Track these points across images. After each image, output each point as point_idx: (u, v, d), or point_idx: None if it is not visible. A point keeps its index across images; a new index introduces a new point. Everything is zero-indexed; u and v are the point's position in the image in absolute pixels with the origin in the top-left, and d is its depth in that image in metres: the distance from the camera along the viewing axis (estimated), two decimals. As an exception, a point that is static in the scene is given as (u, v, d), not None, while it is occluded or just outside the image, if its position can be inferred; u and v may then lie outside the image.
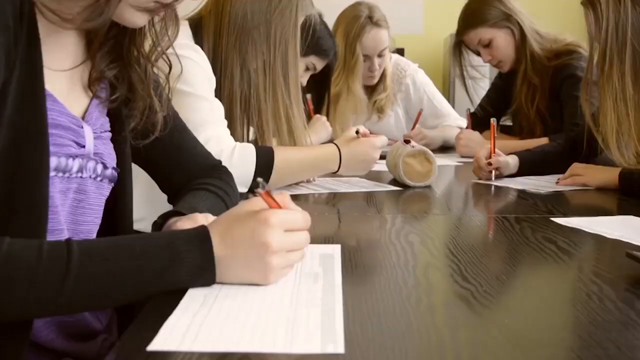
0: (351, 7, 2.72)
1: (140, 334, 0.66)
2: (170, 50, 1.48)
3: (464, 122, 2.75)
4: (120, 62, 0.98)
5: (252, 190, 0.92)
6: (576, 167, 1.75)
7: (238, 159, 1.46)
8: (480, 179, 1.83)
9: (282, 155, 1.53)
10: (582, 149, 1.78)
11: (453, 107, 4.46)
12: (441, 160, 2.31)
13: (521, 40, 2.58)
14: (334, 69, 2.50)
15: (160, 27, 1.00)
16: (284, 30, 1.61)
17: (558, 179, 1.75)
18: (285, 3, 1.61)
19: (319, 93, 2.51)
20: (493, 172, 1.79)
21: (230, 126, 1.60)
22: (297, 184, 1.70)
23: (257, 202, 0.82)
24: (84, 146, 0.91)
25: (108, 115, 1.01)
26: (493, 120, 1.95)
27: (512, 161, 1.86)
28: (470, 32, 2.62)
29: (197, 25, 1.62)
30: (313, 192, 1.60)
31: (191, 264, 0.78)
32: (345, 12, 2.73)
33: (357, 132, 1.66)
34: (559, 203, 1.49)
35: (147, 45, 1.01)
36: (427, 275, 0.88)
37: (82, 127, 0.91)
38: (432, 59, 4.64)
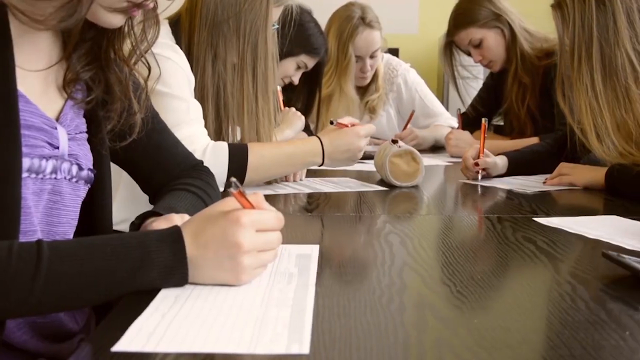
0: (344, 8, 2.72)
1: (108, 334, 0.65)
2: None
3: (455, 122, 2.76)
4: (97, 63, 0.98)
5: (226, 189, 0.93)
6: (563, 166, 1.75)
7: (210, 158, 1.45)
8: (467, 179, 1.82)
9: (257, 152, 1.52)
10: (571, 148, 1.78)
11: (447, 107, 4.47)
12: (431, 160, 2.32)
13: (511, 39, 2.58)
14: (325, 66, 2.50)
15: (140, 30, 0.99)
16: (254, 23, 1.60)
17: (545, 179, 1.76)
18: None
19: (310, 91, 2.50)
20: (480, 172, 1.79)
21: (203, 120, 1.60)
22: (281, 182, 1.69)
23: (229, 202, 0.82)
24: (57, 147, 0.91)
25: (85, 116, 1.01)
26: (484, 121, 1.95)
27: (501, 162, 1.86)
28: (461, 33, 2.63)
29: (176, 24, 1.63)
30: (298, 192, 1.59)
31: (162, 265, 0.78)
32: (338, 13, 2.73)
33: (331, 122, 1.66)
34: (543, 203, 1.49)
35: (127, 47, 1.01)
36: (402, 276, 0.88)
37: (55, 129, 0.91)
38: (426, 59, 4.63)
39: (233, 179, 0.79)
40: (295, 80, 2.40)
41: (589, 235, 1.13)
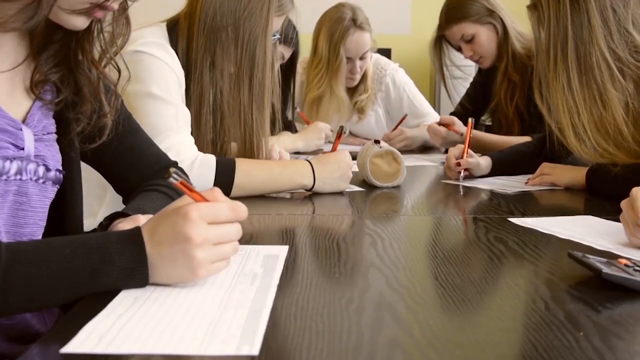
0: (334, 9, 2.71)
1: (60, 336, 0.65)
2: (138, 48, 1.50)
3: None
4: (65, 65, 0.98)
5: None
6: (545, 166, 1.75)
7: (197, 171, 1.44)
8: (450, 179, 1.82)
9: (245, 170, 1.49)
10: (550, 147, 1.78)
11: (439, 107, 4.48)
12: (418, 160, 2.32)
13: (504, 36, 2.57)
14: (298, 56, 2.52)
15: (110, 32, 0.99)
16: (253, 31, 1.59)
17: (527, 179, 1.76)
18: (255, 3, 1.59)
19: (286, 81, 2.52)
20: (462, 172, 1.79)
21: (198, 129, 1.59)
22: None
23: (185, 199, 0.82)
24: (22, 148, 0.91)
25: (55, 117, 1.01)
26: (471, 120, 1.96)
27: (484, 162, 1.86)
28: (453, 27, 2.61)
29: (173, 28, 1.61)
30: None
31: (122, 266, 0.78)
32: (328, 13, 2.72)
33: None
34: (522, 203, 1.48)
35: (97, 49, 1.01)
36: (366, 276, 0.88)
37: (20, 129, 0.91)
38: (419, 60, 4.63)
39: (172, 169, 0.80)
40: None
41: (561, 235, 1.13)
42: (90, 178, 1.22)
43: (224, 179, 1.46)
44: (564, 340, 0.65)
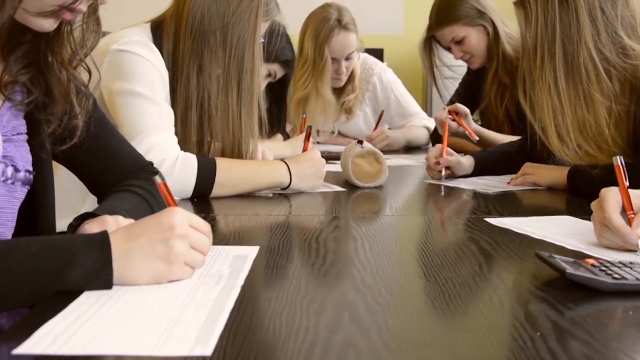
0: (320, 9, 2.71)
1: (16, 336, 0.65)
2: (122, 47, 1.50)
3: (430, 122, 2.75)
4: (35, 66, 0.98)
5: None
6: (527, 166, 1.75)
7: (179, 170, 1.45)
8: (433, 180, 1.82)
9: (225, 168, 1.51)
10: (531, 147, 1.78)
11: (432, 106, 4.48)
12: (403, 160, 2.32)
13: (494, 38, 2.57)
14: (289, 83, 2.55)
15: (80, 34, 0.99)
16: (242, 36, 1.59)
17: (510, 179, 1.76)
18: (244, 8, 1.59)
19: (278, 105, 2.54)
20: (443, 172, 1.78)
21: (184, 130, 1.60)
22: None
23: None
24: (-11, 149, 0.91)
25: (25, 118, 1.01)
26: (446, 119, 1.96)
27: (466, 161, 1.86)
28: (444, 29, 2.60)
29: (158, 28, 1.61)
30: (267, 192, 1.59)
31: (88, 266, 0.78)
32: (314, 14, 2.72)
33: None
34: (502, 203, 1.48)
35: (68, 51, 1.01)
36: (331, 277, 0.88)
37: (-13, 130, 0.91)
38: (411, 60, 4.62)
39: (157, 169, 0.82)
40: (262, 87, 2.43)
41: (535, 235, 1.13)
42: (73, 177, 1.22)
43: (206, 176, 1.48)
44: (520, 341, 0.65)
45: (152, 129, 1.48)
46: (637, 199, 1.02)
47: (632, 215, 1.00)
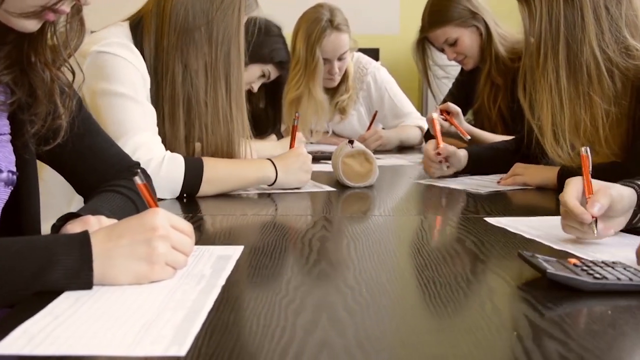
0: (312, 9, 2.71)
1: (-7, 337, 0.65)
2: (102, 49, 1.50)
3: (424, 122, 2.75)
4: (18, 67, 0.98)
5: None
6: (518, 166, 1.75)
7: (167, 169, 1.45)
8: (432, 177, 1.81)
9: (212, 166, 1.52)
10: (527, 145, 1.78)
11: (427, 106, 4.47)
12: (395, 160, 2.32)
13: (487, 39, 2.57)
14: (284, 84, 2.55)
15: (63, 34, 0.99)
16: (227, 31, 1.59)
17: (499, 179, 1.75)
18: (227, 3, 1.59)
19: (273, 103, 2.54)
20: (443, 162, 1.77)
21: (172, 128, 1.59)
22: None
23: None
24: (-29, 149, 0.91)
25: (9, 118, 1.01)
26: (434, 115, 1.96)
27: (462, 154, 1.86)
28: (437, 31, 2.59)
29: (137, 26, 1.61)
30: (262, 192, 1.59)
31: (68, 266, 0.78)
32: (306, 14, 2.72)
33: None
34: (491, 203, 1.48)
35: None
36: (313, 278, 0.88)
37: (-31, 131, 0.91)
38: (407, 60, 4.59)
39: (138, 170, 0.82)
40: (255, 87, 2.44)
41: (525, 234, 1.13)
42: (58, 179, 1.22)
43: (193, 174, 1.48)
44: (496, 341, 0.65)
45: (136, 129, 1.48)
46: (598, 185, 1.04)
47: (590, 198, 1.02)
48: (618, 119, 1.44)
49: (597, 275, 0.82)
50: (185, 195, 1.48)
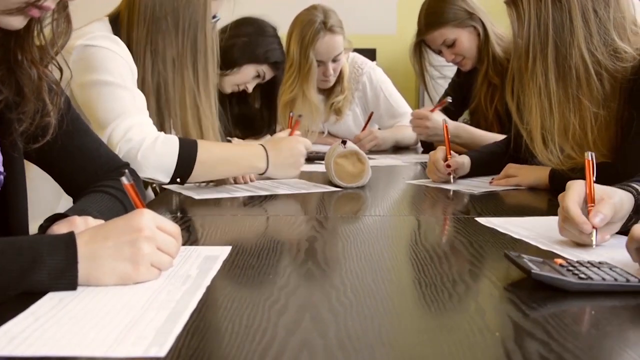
0: (306, 11, 2.70)
1: (-26, 338, 0.65)
2: (87, 42, 1.50)
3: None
4: (5, 65, 0.98)
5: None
6: (510, 167, 1.75)
7: (161, 147, 1.46)
8: (435, 182, 1.80)
9: (206, 148, 1.53)
10: (514, 148, 1.78)
11: (424, 107, 4.46)
12: (391, 160, 2.32)
13: (485, 39, 2.57)
14: (280, 85, 2.57)
15: (50, 31, 0.99)
16: (192, 19, 1.61)
17: (492, 179, 1.75)
18: None
19: (268, 104, 2.54)
20: (452, 173, 1.76)
21: None
22: (233, 184, 1.69)
23: None
24: (-43, 149, 0.91)
25: (-4, 117, 1.01)
26: (444, 122, 1.94)
27: (466, 161, 1.85)
28: (435, 32, 2.59)
29: (115, 21, 1.63)
30: (253, 194, 1.59)
31: (53, 267, 0.78)
32: (300, 16, 2.71)
33: None
34: (483, 203, 1.48)
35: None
36: (299, 278, 0.88)
37: (-45, 130, 0.91)
38: (405, 60, 4.59)
39: (126, 170, 0.83)
40: (250, 88, 2.44)
41: (514, 235, 1.13)
42: (47, 179, 1.22)
43: (187, 154, 1.50)
44: (478, 341, 0.65)
45: (128, 113, 1.49)
46: (601, 193, 1.03)
47: (592, 207, 1.01)
48: (607, 122, 1.43)
49: (582, 276, 0.82)
50: (178, 180, 1.49)
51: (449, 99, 2.52)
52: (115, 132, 1.44)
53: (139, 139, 1.43)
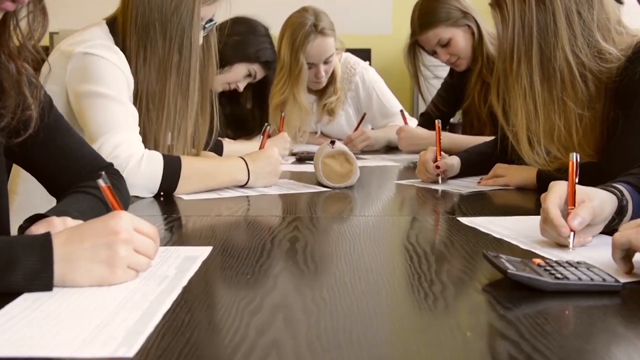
0: (297, 14, 2.69)
1: (-57, 339, 0.65)
2: (87, 50, 1.50)
3: (412, 122, 2.74)
4: None
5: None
6: (498, 167, 1.75)
7: (146, 166, 1.47)
8: (425, 182, 1.79)
9: (189, 164, 1.55)
10: (501, 150, 1.78)
11: (418, 107, 4.46)
12: (381, 160, 2.32)
13: (479, 38, 2.56)
14: (271, 84, 2.57)
15: (26, 24, 0.99)
16: (180, 24, 1.60)
17: (480, 179, 1.75)
18: None
19: (259, 104, 2.54)
20: (440, 175, 1.75)
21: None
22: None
23: None
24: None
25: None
26: (437, 122, 1.94)
27: (456, 162, 1.85)
28: (429, 32, 2.58)
29: (112, 26, 1.63)
30: (243, 194, 1.59)
31: (28, 268, 0.78)
32: (291, 18, 2.70)
33: None
34: (469, 203, 1.48)
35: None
36: (275, 278, 0.88)
37: None
38: (400, 60, 4.59)
39: (102, 172, 0.83)
40: (241, 87, 2.45)
41: (495, 234, 1.12)
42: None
43: (171, 172, 1.51)
44: (448, 341, 0.65)
45: (119, 128, 1.50)
46: (582, 195, 1.03)
47: (572, 210, 1.01)
48: (592, 123, 1.44)
49: (559, 276, 0.82)
50: (162, 193, 1.49)
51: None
52: (104, 146, 1.44)
53: (126, 156, 1.44)
